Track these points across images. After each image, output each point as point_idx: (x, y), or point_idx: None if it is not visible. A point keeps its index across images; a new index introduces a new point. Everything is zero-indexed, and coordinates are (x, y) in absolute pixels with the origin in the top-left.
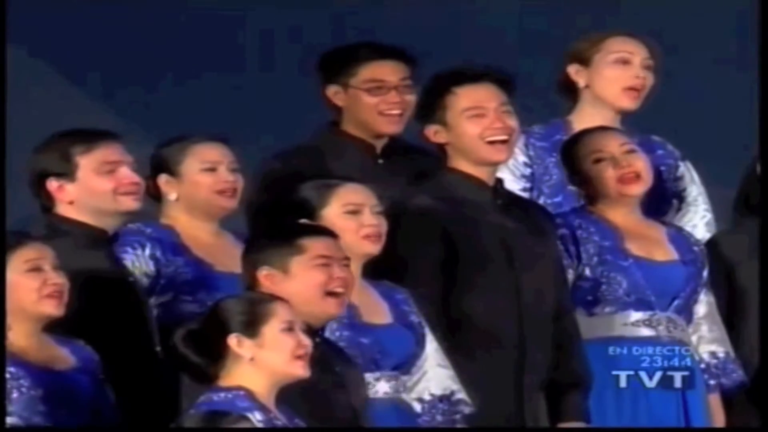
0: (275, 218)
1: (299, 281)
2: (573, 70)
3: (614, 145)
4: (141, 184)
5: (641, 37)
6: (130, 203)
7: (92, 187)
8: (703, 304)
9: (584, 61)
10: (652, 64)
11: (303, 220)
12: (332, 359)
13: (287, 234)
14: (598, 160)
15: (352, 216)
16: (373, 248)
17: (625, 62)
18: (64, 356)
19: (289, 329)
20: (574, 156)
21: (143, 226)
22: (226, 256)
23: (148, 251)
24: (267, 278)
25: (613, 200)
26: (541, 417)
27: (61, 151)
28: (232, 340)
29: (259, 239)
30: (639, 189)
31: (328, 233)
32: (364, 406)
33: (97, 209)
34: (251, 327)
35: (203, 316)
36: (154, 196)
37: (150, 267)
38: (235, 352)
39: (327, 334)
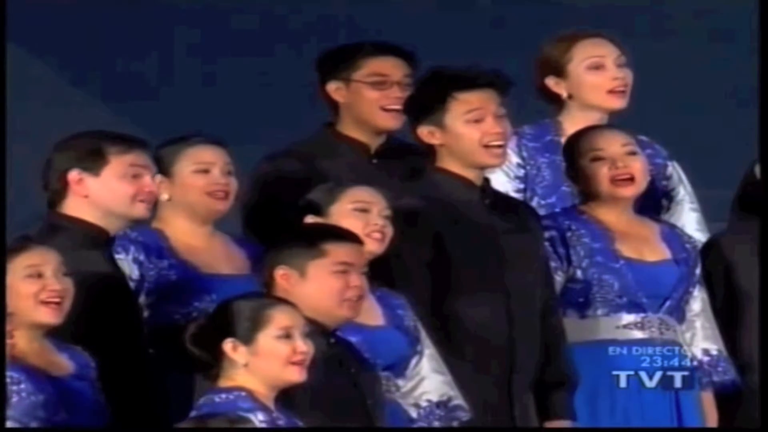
0: (283, 218)
1: (314, 285)
2: (552, 83)
3: (616, 145)
4: (156, 194)
5: (605, 34)
6: (143, 211)
7: (113, 188)
8: (698, 301)
9: (560, 72)
10: (624, 60)
11: (310, 217)
12: (346, 359)
13: (311, 236)
14: (595, 159)
15: (360, 214)
16: (378, 247)
17: (599, 67)
18: (62, 362)
19: (286, 336)
20: (574, 151)
21: (129, 231)
22: (216, 258)
23: (131, 255)
24: (283, 278)
25: (605, 199)
26: (531, 416)
27: (94, 146)
28: (227, 345)
29: (281, 237)
30: (631, 191)
31: (352, 239)
32: (379, 406)
33: (108, 209)
34: (248, 333)
35: (211, 314)
36: None
37: (134, 271)
38: (230, 357)
39: None
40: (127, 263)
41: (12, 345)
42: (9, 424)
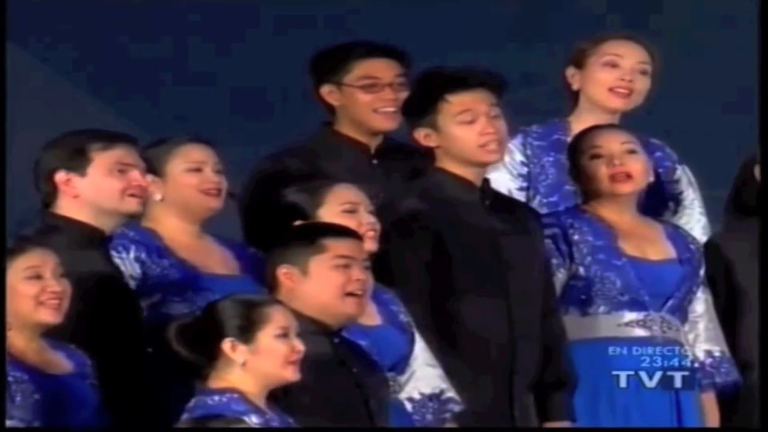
0: (269, 222)
1: (316, 282)
2: (570, 73)
3: (615, 143)
4: (147, 188)
5: (640, 39)
6: (134, 206)
7: (101, 185)
8: (701, 302)
9: (580, 64)
10: (647, 68)
11: (298, 222)
12: (350, 360)
13: (310, 233)
14: (594, 156)
15: (351, 215)
16: (373, 245)
17: (614, 65)
18: (60, 361)
19: (284, 335)
20: (576, 150)
21: (126, 230)
22: (209, 258)
23: (132, 254)
24: (286, 276)
25: (605, 198)
26: (531, 416)
27: (76, 146)
28: (227, 344)
29: (282, 237)
30: (628, 188)
31: (351, 234)
32: (382, 406)
33: (99, 207)
34: (246, 332)
35: (198, 314)
36: None
37: (136, 270)
38: (228, 356)
39: None
40: (129, 262)
41: (9, 344)
42: (15, 423)
